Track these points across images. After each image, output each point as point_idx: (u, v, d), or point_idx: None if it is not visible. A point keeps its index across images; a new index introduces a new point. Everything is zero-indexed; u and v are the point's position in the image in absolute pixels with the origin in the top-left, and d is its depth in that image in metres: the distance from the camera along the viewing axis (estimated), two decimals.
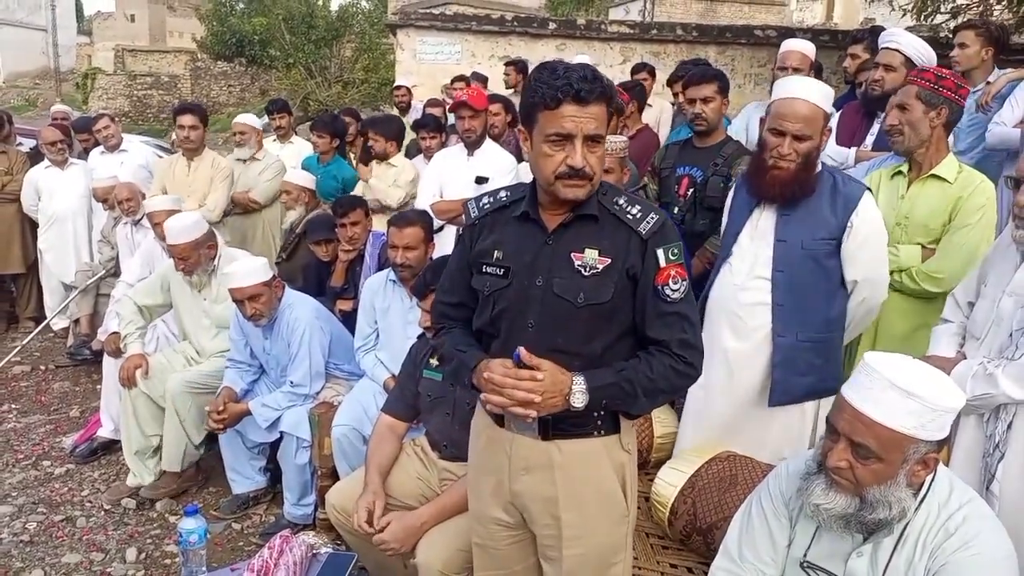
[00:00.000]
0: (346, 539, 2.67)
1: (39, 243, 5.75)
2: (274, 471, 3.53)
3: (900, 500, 1.51)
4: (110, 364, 3.97)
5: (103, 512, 3.55)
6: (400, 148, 4.96)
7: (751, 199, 2.51)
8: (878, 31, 3.88)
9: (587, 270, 1.67)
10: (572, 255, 1.68)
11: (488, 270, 1.76)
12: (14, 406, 4.73)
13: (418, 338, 2.78)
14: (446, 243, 3.82)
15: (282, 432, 3.27)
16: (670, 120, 5.43)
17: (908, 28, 4.78)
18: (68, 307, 5.33)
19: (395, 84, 7.65)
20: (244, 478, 3.55)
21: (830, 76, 6.90)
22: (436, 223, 3.89)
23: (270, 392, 3.42)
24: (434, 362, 2.60)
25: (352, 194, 4.45)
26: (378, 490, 2.43)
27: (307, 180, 4.71)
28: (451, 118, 4.65)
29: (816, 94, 2.34)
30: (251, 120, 5.40)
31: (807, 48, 3.84)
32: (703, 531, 2.33)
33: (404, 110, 7.03)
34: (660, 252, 1.66)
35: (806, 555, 1.69)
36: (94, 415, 4.29)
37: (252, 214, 5.19)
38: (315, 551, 2.64)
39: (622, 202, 1.70)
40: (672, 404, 2.93)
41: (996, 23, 4.44)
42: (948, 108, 2.57)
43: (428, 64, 8.39)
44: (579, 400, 1.63)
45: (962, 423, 2.10)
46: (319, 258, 4.07)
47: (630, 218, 1.68)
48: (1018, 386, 1.94)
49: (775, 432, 2.52)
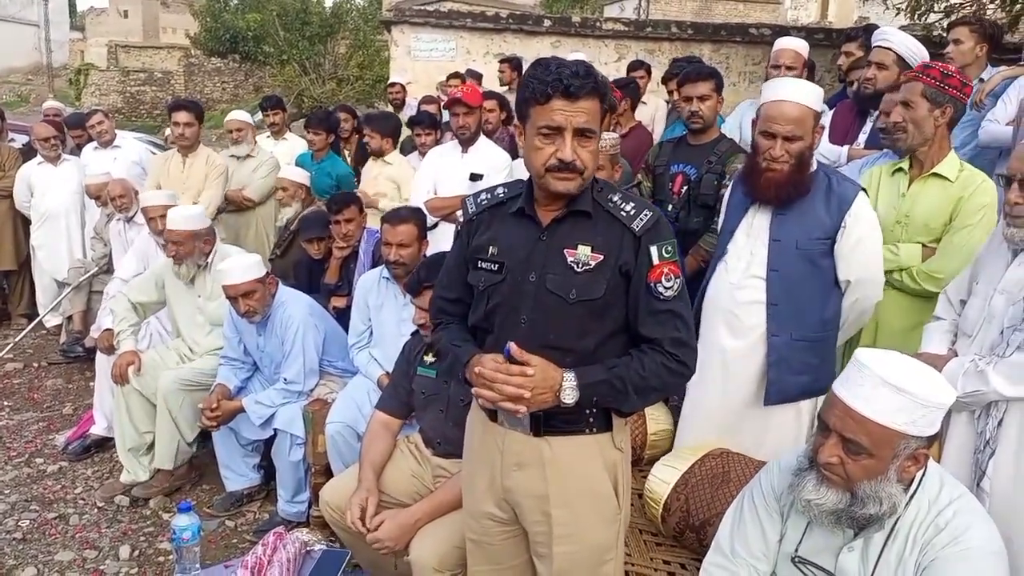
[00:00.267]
0: (340, 536, 2.67)
1: (31, 240, 5.73)
2: (268, 468, 3.53)
3: (891, 496, 1.52)
4: (103, 361, 3.95)
5: (96, 509, 3.54)
6: (396, 145, 4.95)
7: (746, 198, 2.51)
8: (872, 29, 3.89)
9: (579, 266, 1.67)
10: (565, 251, 1.68)
11: (483, 265, 1.77)
12: (7, 403, 4.71)
13: (412, 335, 2.77)
14: (440, 240, 3.82)
15: (276, 429, 3.27)
16: (664, 117, 5.44)
17: (902, 27, 4.79)
18: (61, 304, 5.31)
19: (389, 81, 7.63)
20: (238, 475, 3.55)
21: (824, 74, 6.93)
22: (430, 220, 3.89)
23: (264, 389, 3.41)
24: (428, 359, 2.60)
25: (345, 191, 4.45)
26: (372, 487, 2.43)
27: (302, 177, 4.71)
28: (446, 115, 4.64)
29: (803, 94, 2.34)
30: (245, 117, 5.39)
31: (801, 46, 3.84)
32: (696, 527, 2.33)
33: (398, 107, 7.01)
34: (653, 249, 1.66)
35: (797, 550, 1.70)
36: (87, 412, 4.28)
37: (245, 211, 5.17)
38: (309, 548, 2.64)
39: (616, 199, 1.70)
40: (666, 401, 2.93)
41: (990, 20, 4.45)
42: (953, 107, 2.55)
43: (423, 61, 8.37)
44: (569, 396, 1.62)
45: (953, 420, 2.11)
46: (311, 256, 4.06)
47: (624, 215, 1.68)
48: (1009, 383, 1.95)
49: (772, 431, 2.52)
